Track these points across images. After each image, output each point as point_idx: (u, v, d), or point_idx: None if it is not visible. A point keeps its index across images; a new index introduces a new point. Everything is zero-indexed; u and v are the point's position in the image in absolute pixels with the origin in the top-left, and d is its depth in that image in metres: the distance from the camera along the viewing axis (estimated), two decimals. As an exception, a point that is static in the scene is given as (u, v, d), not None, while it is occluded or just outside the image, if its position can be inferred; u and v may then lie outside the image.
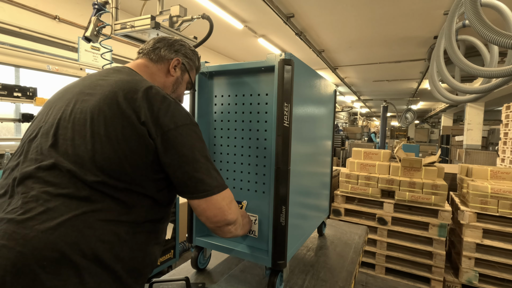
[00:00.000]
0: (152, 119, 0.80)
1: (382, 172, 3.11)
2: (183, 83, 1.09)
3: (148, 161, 0.80)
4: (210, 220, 0.87)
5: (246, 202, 1.25)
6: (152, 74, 1.00)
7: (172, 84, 1.04)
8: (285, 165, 1.10)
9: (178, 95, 1.09)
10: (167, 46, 1.04)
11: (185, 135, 0.83)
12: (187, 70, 1.07)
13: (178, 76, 1.06)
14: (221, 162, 1.30)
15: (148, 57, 1.02)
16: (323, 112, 1.60)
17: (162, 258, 2.66)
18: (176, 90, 1.07)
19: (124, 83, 0.85)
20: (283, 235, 1.12)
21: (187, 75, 1.09)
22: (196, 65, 1.14)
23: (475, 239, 2.58)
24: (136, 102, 0.81)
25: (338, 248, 1.71)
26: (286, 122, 1.09)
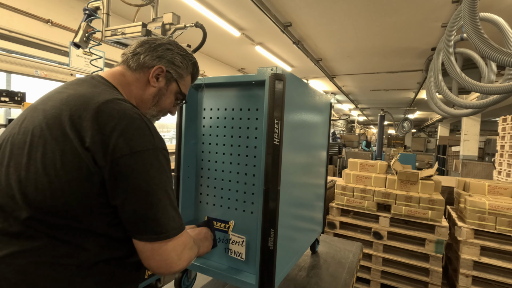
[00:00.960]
0: (101, 143, 0.66)
1: (378, 185, 3.05)
2: (169, 94, 0.93)
3: (93, 194, 0.67)
4: (153, 269, 0.73)
5: (233, 222, 1.18)
6: (128, 84, 0.86)
7: (152, 96, 0.90)
8: (275, 185, 1.04)
9: (163, 108, 0.94)
10: (148, 51, 0.88)
11: (142, 163, 0.69)
12: (175, 79, 0.92)
13: (162, 87, 0.90)
14: (208, 179, 1.24)
15: (127, 64, 0.88)
16: (317, 126, 1.55)
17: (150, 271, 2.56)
18: (158, 102, 0.92)
19: (76, 98, 0.72)
20: (271, 260, 1.05)
21: (174, 85, 0.93)
22: (189, 72, 0.98)
23: (472, 257, 2.52)
24: (83, 122, 0.67)
25: (331, 268, 1.64)
26: (277, 140, 1.03)
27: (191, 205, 1.27)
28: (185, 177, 1.24)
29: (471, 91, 2.07)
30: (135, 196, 0.69)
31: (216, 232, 1.22)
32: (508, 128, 5.05)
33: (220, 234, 1.21)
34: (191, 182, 1.27)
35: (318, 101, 1.54)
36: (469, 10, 1.55)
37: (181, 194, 1.23)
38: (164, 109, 0.96)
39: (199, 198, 1.27)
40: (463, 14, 1.58)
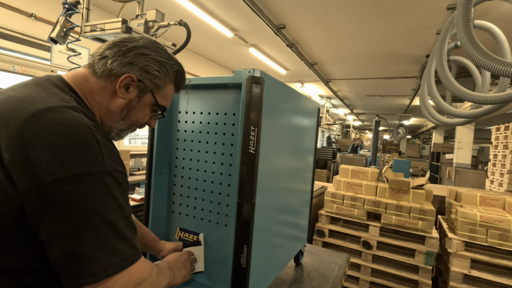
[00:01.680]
0: (24, 161, 0.54)
1: (369, 193, 2.98)
2: (142, 107, 0.80)
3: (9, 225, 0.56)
4: None
5: (202, 235, 1.10)
6: (91, 92, 0.74)
7: (120, 109, 0.76)
8: (249, 198, 0.95)
9: (134, 122, 0.81)
10: (118, 55, 0.74)
11: (80, 189, 0.57)
12: (151, 90, 0.78)
13: (132, 99, 0.77)
14: (181, 187, 1.15)
15: (92, 68, 0.75)
16: (303, 131, 1.47)
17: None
18: (128, 116, 0.78)
19: (10, 102, 0.60)
20: (243, 280, 0.96)
21: (149, 97, 0.79)
22: (170, 81, 0.83)
23: (462, 269, 2.45)
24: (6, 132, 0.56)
25: (314, 282, 1.56)
26: (252, 148, 0.94)
27: (162, 215, 1.18)
28: (157, 184, 1.15)
29: (464, 100, 2.01)
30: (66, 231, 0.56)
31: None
32: (501, 138, 5.04)
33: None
34: (163, 190, 1.18)
35: (305, 106, 1.46)
36: (462, 17, 1.50)
37: (152, 203, 1.14)
38: (136, 123, 0.83)
39: (172, 208, 1.18)
40: (457, 21, 1.52)
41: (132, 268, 0.63)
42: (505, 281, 2.35)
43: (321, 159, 10.21)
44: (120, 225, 0.62)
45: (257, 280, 1.08)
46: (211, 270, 1.09)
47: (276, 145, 1.15)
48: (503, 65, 1.36)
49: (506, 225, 2.37)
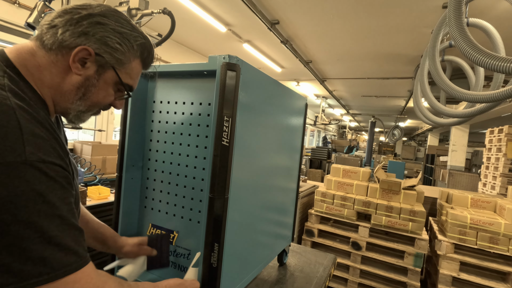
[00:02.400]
0: None
1: (359, 193, 2.94)
2: (103, 86, 0.70)
3: None
4: None
5: (177, 232, 1.04)
6: (39, 68, 0.63)
7: (76, 88, 0.66)
8: (221, 193, 0.89)
9: (95, 102, 0.71)
10: (69, 24, 0.63)
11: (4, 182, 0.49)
12: (112, 66, 0.68)
13: (90, 76, 0.66)
14: (155, 181, 1.09)
15: (40, 41, 0.64)
16: (289, 127, 1.41)
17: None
18: (87, 96, 0.68)
19: None
20: (213, 280, 0.90)
21: (111, 74, 0.69)
22: (136, 56, 0.72)
23: (451, 272, 2.41)
24: None
25: (297, 283, 1.50)
26: (226, 140, 0.88)
27: (134, 210, 1.12)
28: (129, 178, 1.08)
29: (457, 99, 1.97)
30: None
31: (160, 242, 1.06)
32: (495, 141, 5.03)
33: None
34: (135, 184, 1.11)
35: (291, 100, 1.40)
36: (454, 13, 1.45)
37: (123, 198, 1.08)
38: (98, 104, 0.72)
39: (144, 203, 1.12)
40: (448, 17, 1.47)
41: (68, 279, 0.53)
42: (494, 284, 2.32)
43: (316, 159, 10.18)
44: (50, 228, 0.53)
45: (231, 280, 1.02)
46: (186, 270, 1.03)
47: (256, 140, 1.09)
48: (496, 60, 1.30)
49: (496, 228, 2.33)
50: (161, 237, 1.03)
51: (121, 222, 1.08)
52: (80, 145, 3.13)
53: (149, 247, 1.01)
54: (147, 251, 1.00)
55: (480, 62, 1.35)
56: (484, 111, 2.24)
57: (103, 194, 2.31)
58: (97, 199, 2.26)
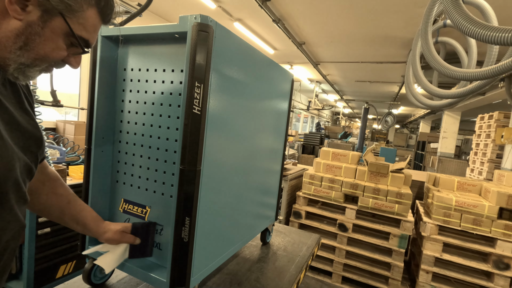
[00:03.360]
0: None
1: (348, 176, 2.93)
2: (51, 36, 0.59)
3: None
4: None
5: (150, 207, 0.99)
6: None
7: (15, 34, 0.56)
8: (192, 165, 0.84)
9: (42, 55, 0.59)
10: None
11: None
12: (60, 13, 0.57)
13: (33, 22, 0.56)
14: (126, 154, 1.03)
15: None
16: (273, 104, 1.35)
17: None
18: (30, 46, 0.57)
19: None
20: (185, 255, 0.87)
21: (59, 22, 0.58)
22: (91, 3, 0.62)
23: (434, 253, 2.45)
24: None
25: (278, 262, 1.48)
26: (197, 108, 0.82)
27: (106, 184, 1.06)
28: (98, 151, 1.02)
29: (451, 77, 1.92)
30: None
31: (133, 218, 1.02)
32: (485, 127, 5.06)
33: (137, 221, 1.01)
34: (106, 157, 1.05)
35: (274, 73, 1.34)
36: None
37: (92, 172, 1.02)
38: (45, 58, 0.60)
39: (116, 177, 1.06)
40: (443, -11, 1.40)
41: None
42: (475, 264, 2.37)
43: (308, 145, 10.19)
44: None
45: (206, 256, 0.99)
46: (159, 246, 0.99)
47: (234, 112, 1.03)
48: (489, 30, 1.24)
49: (480, 210, 2.35)
50: (146, 226, 0.96)
51: (91, 199, 1.02)
52: (63, 125, 3.02)
53: (132, 235, 0.95)
54: (130, 239, 0.94)
55: (477, 35, 1.29)
56: (475, 91, 2.20)
57: (85, 173, 2.24)
58: (79, 178, 2.20)
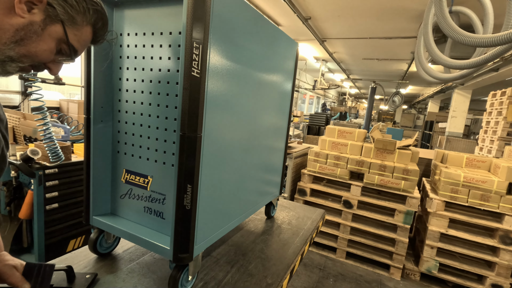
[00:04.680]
0: None
1: (353, 153, 2.89)
2: (47, 39, 0.63)
3: None
4: None
5: (152, 177, 0.97)
6: None
7: (15, 29, 0.59)
8: (193, 131, 0.81)
9: (31, 53, 0.63)
10: None
11: None
12: (62, 22, 0.63)
13: (35, 22, 0.60)
14: (126, 124, 1.00)
15: None
16: (275, 74, 1.30)
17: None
18: (25, 42, 0.61)
19: None
20: (187, 222, 0.86)
21: (58, 28, 0.64)
22: (89, 22, 0.69)
23: (440, 229, 2.44)
24: None
25: (283, 235, 1.49)
26: (196, 71, 0.78)
27: (107, 155, 1.05)
28: (97, 120, 1.00)
29: (466, 44, 1.81)
30: None
31: (135, 188, 1.01)
32: (497, 104, 4.91)
33: (139, 191, 1.00)
34: (106, 127, 1.03)
35: (279, 41, 1.27)
36: None
37: (93, 142, 1.00)
38: (33, 55, 0.63)
39: (117, 147, 1.04)
40: None
41: None
42: (481, 240, 2.36)
43: (314, 125, 10.10)
44: None
45: (208, 226, 0.98)
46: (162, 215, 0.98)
47: (236, 79, 0.98)
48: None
49: (489, 185, 2.31)
50: (42, 269, 0.78)
51: (93, 169, 1.01)
52: (66, 103, 3.01)
53: (20, 277, 0.76)
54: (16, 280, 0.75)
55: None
56: (491, 60, 2.07)
57: (90, 151, 2.25)
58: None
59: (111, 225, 1.00)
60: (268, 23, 1.15)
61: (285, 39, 1.34)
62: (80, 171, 2.11)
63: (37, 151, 1.75)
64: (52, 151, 1.84)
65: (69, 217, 2.08)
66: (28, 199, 1.89)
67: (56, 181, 1.96)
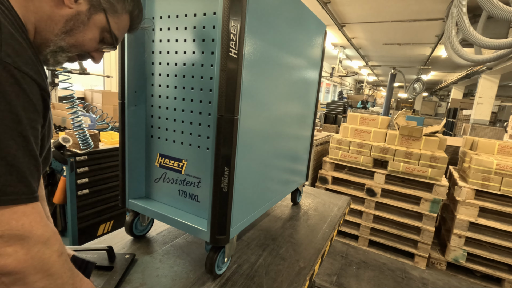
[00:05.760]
0: None
1: (377, 140, 2.82)
2: (92, 27, 0.65)
3: None
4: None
5: (186, 161, 0.98)
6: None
7: (65, 19, 0.61)
8: (231, 112, 0.81)
9: (79, 42, 0.65)
10: None
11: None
12: (104, 11, 0.65)
13: (82, 12, 0.62)
14: (159, 108, 1.01)
15: None
16: (304, 57, 1.27)
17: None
18: (73, 32, 0.63)
19: None
20: (225, 205, 0.86)
21: (102, 18, 0.66)
22: (127, 10, 0.70)
23: (469, 217, 2.36)
24: None
25: (310, 220, 1.48)
26: (234, 51, 0.77)
27: (141, 139, 1.06)
28: (131, 105, 1.01)
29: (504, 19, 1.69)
30: None
31: (169, 172, 1.02)
32: (529, 88, 4.62)
33: (174, 174, 1.02)
34: (140, 111, 1.04)
35: (308, 24, 1.24)
36: None
37: (127, 126, 1.01)
38: (81, 45, 0.66)
39: (151, 132, 1.05)
40: None
41: (17, 209, 0.47)
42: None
43: (331, 114, 9.91)
44: (8, 144, 0.46)
45: (242, 209, 0.99)
46: (196, 199, 0.99)
47: (267, 63, 0.96)
48: None
49: (524, 173, 2.20)
50: (85, 265, 0.80)
51: (128, 152, 1.03)
52: (91, 93, 3.08)
53: None
54: None
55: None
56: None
57: (116, 138, 2.31)
58: (110, 143, 2.27)
59: (146, 207, 1.03)
60: (298, 1, 1.11)
61: (314, 20, 1.30)
62: (108, 158, 2.17)
63: (68, 138, 1.81)
64: (82, 138, 1.90)
65: (99, 203, 2.16)
66: (61, 184, 1.97)
67: (86, 167, 2.03)
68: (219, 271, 0.95)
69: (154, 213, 1.01)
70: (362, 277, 2.34)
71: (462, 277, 2.46)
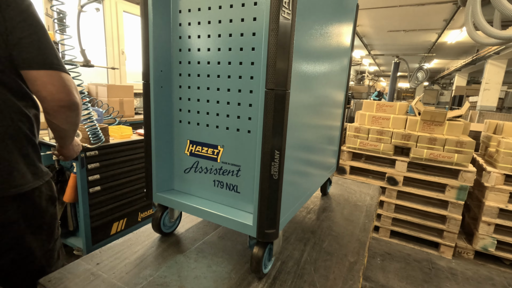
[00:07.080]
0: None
1: (397, 127, 2.70)
2: None
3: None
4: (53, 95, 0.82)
5: (222, 147, 0.86)
6: None
7: None
8: (282, 85, 0.69)
9: None
10: None
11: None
12: None
13: None
14: (189, 89, 0.89)
15: None
16: (338, 43, 1.14)
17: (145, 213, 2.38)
18: None
19: None
20: (275, 194, 0.75)
21: None
22: None
23: (498, 204, 2.26)
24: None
25: (345, 211, 1.38)
26: (287, 11, 0.65)
27: (169, 124, 0.94)
28: (157, 86, 0.89)
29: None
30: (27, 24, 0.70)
31: (202, 161, 0.91)
32: (544, 71, 4.49)
33: (207, 163, 0.90)
34: (166, 93, 0.92)
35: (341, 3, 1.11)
36: None
37: (153, 110, 0.89)
38: None
39: (179, 116, 0.93)
40: None
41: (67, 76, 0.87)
42: (546, 215, 2.16)
43: (334, 105, 9.75)
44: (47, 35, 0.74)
45: (288, 199, 0.87)
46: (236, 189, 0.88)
47: (310, 36, 0.84)
48: None
49: (558, 155, 2.09)
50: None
51: (155, 140, 0.91)
52: (95, 87, 2.95)
53: None
54: None
55: None
56: None
57: (126, 133, 2.19)
58: (120, 138, 2.15)
59: (178, 201, 0.91)
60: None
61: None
62: (119, 153, 2.05)
63: (77, 132, 1.69)
64: (92, 132, 1.78)
65: (111, 200, 2.05)
66: (71, 182, 1.86)
67: (97, 163, 1.91)
68: (265, 269, 0.85)
69: (188, 207, 0.89)
70: (389, 269, 2.25)
71: (491, 266, 2.37)
